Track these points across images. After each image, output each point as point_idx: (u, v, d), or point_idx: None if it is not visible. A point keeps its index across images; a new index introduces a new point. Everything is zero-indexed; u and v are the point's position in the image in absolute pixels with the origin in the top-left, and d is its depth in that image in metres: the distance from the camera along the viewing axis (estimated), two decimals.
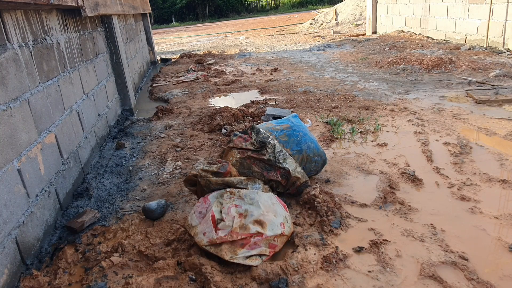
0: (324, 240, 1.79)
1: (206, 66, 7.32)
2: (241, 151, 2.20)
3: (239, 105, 4.32)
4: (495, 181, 2.23)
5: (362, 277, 1.57)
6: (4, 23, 1.82)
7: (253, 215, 1.72)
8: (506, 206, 1.98)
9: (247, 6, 30.80)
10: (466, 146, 2.72)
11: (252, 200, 1.79)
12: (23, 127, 1.88)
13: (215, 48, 10.59)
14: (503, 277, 1.51)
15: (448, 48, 6.43)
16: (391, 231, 1.85)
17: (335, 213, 1.97)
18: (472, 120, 3.24)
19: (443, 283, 1.49)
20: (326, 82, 5.20)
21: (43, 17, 2.35)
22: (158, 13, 27.12)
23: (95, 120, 3.21)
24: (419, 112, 3.58)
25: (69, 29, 2.85)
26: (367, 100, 4.12)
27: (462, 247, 1.69)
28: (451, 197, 2.11)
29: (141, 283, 1.55)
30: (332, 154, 2.80)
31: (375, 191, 2.24)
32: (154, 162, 2.95)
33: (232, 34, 14.93)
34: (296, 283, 1.54)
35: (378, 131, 3.20)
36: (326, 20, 14.44)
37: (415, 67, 5.44)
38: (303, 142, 2.32)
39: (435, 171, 2.42)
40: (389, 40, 8.11)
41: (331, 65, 6.59)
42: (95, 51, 3.52)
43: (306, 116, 3.73)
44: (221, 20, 26.07)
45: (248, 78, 5.95)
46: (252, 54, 8.72)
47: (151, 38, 8.53)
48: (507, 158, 2.50)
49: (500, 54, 5.70)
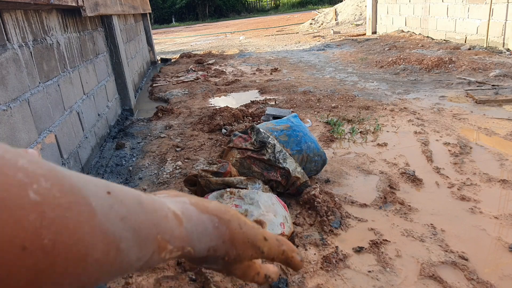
0: (324, 240, 1.79)
1: (206, 66, 7.32)
2: (241, 151, 2.20)
3: (239, 105, 4.32)
4: (495, 181, 2.23)
5: (362, 277, 1.57)
6: (4, 23, 1.82)
7: (253, 215, 1.72)
8: (506, 206, 1.98)
9: (247, 6, 30.81)
10: (466, 146, 2.72)
11: (252, 200, 1.79)
12: (23, 127, 1.88)
13: (215, 48, 10.59)
14: (503, 277, 1.51)
15: (448, 48, 6.43)
16: (391, 231, 1.85)
17: (335, 213, 1.97)
18: (472, 120, 3.24)
19: (443, 283, 1.49)
20: (326, 82, 5.20)
21: (43, 17, 2.35)
22: (158, 13, 27.13)
23: (95, 120, 3.21)
24: (419, 112, 3.58)
25: (69, 29, 2.85)
26: (367, 100, 4.12)
27: (462, 247, 1.69)
28: (451, 197, 2.11)
29: (141, 283, 1.55)
30: (332, 154, 2.80)
31: (375, 191, 2.24)
32: (154, 162, 2.95)
33: (232, 34, 14.93)
34: (296, 283, 1.54)
35: (378, 131, 3.20)
36: (326, 20, 14.44)
37: (415, 67, 5.44)
38: (303, 142, 2.32)
39: (435, 171, 2.42)
40: (389, 40, 8.11)
41: (331, 65, 6.59)
42: (95, 51, 3.52)
43: (306, 116, 3.73)
44: (221, 20, 26.07)
45: (248, 78, 5.95)
46: (252, 54, 8.72)
47: (151, 38, 8.53)
48: (507, 158, 2.50)
49: (500, 54, 5.70)
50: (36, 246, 0.18)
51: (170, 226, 0.30)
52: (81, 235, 0.21)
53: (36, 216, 0.18)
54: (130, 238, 0.25)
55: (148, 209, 0.28)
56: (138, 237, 0.26)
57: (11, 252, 0.17)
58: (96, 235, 0.22)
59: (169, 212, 0.30)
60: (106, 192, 0.24)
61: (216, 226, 0.34)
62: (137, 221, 0.26)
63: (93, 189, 0.23)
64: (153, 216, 0.28)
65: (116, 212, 0.24)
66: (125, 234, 0.24)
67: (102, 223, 0.22)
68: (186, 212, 0.32)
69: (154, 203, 0.29)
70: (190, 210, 0.33)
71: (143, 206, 0.27)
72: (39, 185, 0.19)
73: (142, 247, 0.26)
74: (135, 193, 0.28)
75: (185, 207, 0.33)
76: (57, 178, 0.21)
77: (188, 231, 0.32)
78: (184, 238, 0.31)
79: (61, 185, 0.21)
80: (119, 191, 0.26)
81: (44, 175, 0.20)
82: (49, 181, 0.20)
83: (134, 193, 0.28)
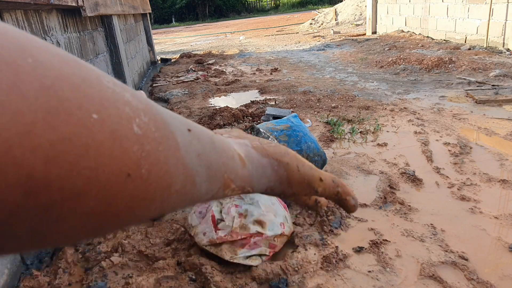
0: (324, 240, 1.79)
1: (206, 66, 7.32)
2: None
3: (239, 105, 4.32)
4: (495, 181, 2.23)
5: (362, 277, 1.57)
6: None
7: (253, 215, 1.72)
8: (506, 206, 1.98)
9: (247, 6, 30.82)
10: (466, 146, 2.72)
11: (252, 200, 1.79)
12: None
13: (215, 48, 10.59)
14: (503, 277, 1.51)
15: (448, 48, 6.43)
16: (391, 231, 1.85)
17: (335, 213, 1.97)
18: (472, 120, 3.24)
19: (443, 283, 1.49)
20: (326, 82, 5.20)
21: (43, 17, 2.35)
22: (158, 13, 27.13)
23: None
24: (419, 112, 3.58)
25: (69, 29, 2.85)
26: (367, 100, 4.12)
27: (462, 247, 1.69)
28: (451, 197, 2.11)
29: (141, 283, 1.55)
30: (332, 154, 2.80)
31: (375, 191, 2.24)
32: None
33: (232, 34, 14.94)
34: (296, 283, 1.54)
35: (378, 131, 3.20)
36: (326, 20, 14.44)
37: (415, 67, 5.44)
38: (303, 142, 2.32)
39: (435, 171, 2.42)
40: (389, 40, 8.11)
41: (331, 65, 6.59)
42: (95, 51, 3.52)
43: (306, 116, 3.73)
44: (221, 20, 26.08)
45: (248, 78, 5.95)
46: (252, 54, 8.72)
47: (151, 38, 8.52)
48: (507, 158, 2.50)
49: (500, 54, 5.70)
50: (137, 174, 0.20)
51: (235, 167, 0.32)
52: (168, 167, 0.23)
53: (138, 148, 0.20)
54: (204, 173, 0.27)
55: (218, 148, 0.30)
56: (209, 173, 0.28)
57: (119, 178, 0.19)
58: (179, 168, 0.24)
59: (235, 154, 0.33)
60: (187, 129, 0.27)
61: (276, 169, 0.36)
62: (210, 158, 0.28)
63: (178, 125, 0.25)
64: (222, 155, 0.30)
65: (195, 148, 0.26)
66: (200, 170, 0.27)
67: (184, 157, 0.25)
68: (248, 155, 0.35)
69: (223, 143, 0.32)
70: (252, 153, 0.35)
71: (215, 145, 0.30)
72: (140, 119, 0.21)
73: (212, 182, 0.29)
74: (209, 132, 0.30)
75: (247, 149, 0.35)
76: (153, 113, 0.23)
77: (250, 172, 0.34)
78: (246, 178, 0.33)
79: (155, 120, 0.23)
80: (197, 129, 0.28)
81: (143, 110, 0.22)
82: (147, 115, 0.22)
83: (208, 133, 0.30)
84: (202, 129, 0.30)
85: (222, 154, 0.30)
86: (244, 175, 0.33)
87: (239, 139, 0.37)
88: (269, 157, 0.36)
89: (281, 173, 0.37)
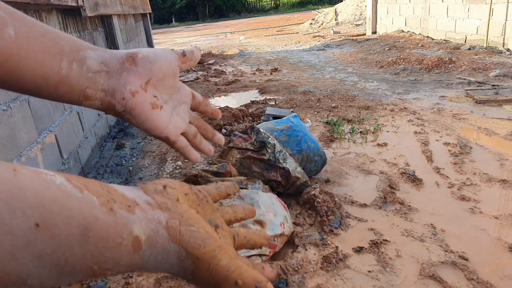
0: (324, 240, 1.79)
1: (206, 66, 7.32)
2: (241, 151, 2.20)
3: (239, 105, 4.32)
4: (495, 181, 2.23)
5: (362, 277, 1.57)
6: None
7: None
8: (506, 206, 1.98)
9: (247, 6, 30.82)
10: (466, 146, 2.72)
11: (252, 200, 1.79)
12: (23, 127, 1.88)
13: (215, 48, 10.59)
14: (503, 277, 1.51)
15: (448, 48, 6.43)
16: (391, 231, 1.85)
17: (335, 213, 1.97)
18: (472, 120, 3.24)
19: (443, 283, 1.49)
20: (326, 82, 5.20)
21: (43, 17, 2.35)
22: (158, 13, 27.13)
23: (95, 120, 3.21)
24: (419, 112, 3.58)
25: (69, 29, 2.85)
26: (367, 100, 4.12)
27: (462, 247, 1.69)
28: (451, 197, 2.11)
29: (141, 283, 1.55)
30: (332, 154, 2.80)
31: (375, 191, 2.24)
32: (154, 162, 2.95)
33: (232, 34, 14.94)
34: (296, 283, 1.54)
35: (378, 131, 3.20)
36: (326, 20, 14.44)
37: (415, 67, 5.44)
38: (303, 142, 2.32)
39: (435, 171, 2.42)
40: (389, 40, 8.11)
41: (331, 65, 6.59)
42: None
43: (306, 116, 3.73)
44: (221, 20, 26.08)
45: (248, 78, 5.95)
46: (252, 54, 8.72)
47: (151, 38, 8.52)
48: (507, 158, 2.50)
49: (500, 54, 5.70)
50: None
51: (117, 255, 0.29)
52: None
53: None
54: (46, 273, 0.25)
55: (94, 238, 0.27)
56: (61, 270, 0.25)
57: None
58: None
59: (126, 240, 0.29)
60: (35, 224, 0.23)
61: (182, 259, 0.33)
62: (64, 255, 0.25)
63: (19, 222, 0.23)
64: (98, 245, 0.27)
65: (36, 249, 0.24)
66: (38, 271, 0.24)
67: (6, 263, 0.23)
68: (152, 237, 0.31)
69: (110, 228, 0.28)
70: (160, 235, 0.32)
71: (87, 236, 0.26)
72: None
73: (67, 276, 0.26)
74: (86, 219, 0.27)
75: (156, 229, 0.31)
76: None
77: (142, 259, 0.31)
78: (133, 264, 0.30)
79: None
80: (60, 221, 0.25)
81: None
82: None
83: (83, 221, 0.26)
84: (75, 217, 0.26)
85: (98, 244, 0.27)
86: (131, 261, 0.30)
87: (158, 210, 0.33)
88: (179, 244, 0.32)
89: (187, 265, 0.33)
